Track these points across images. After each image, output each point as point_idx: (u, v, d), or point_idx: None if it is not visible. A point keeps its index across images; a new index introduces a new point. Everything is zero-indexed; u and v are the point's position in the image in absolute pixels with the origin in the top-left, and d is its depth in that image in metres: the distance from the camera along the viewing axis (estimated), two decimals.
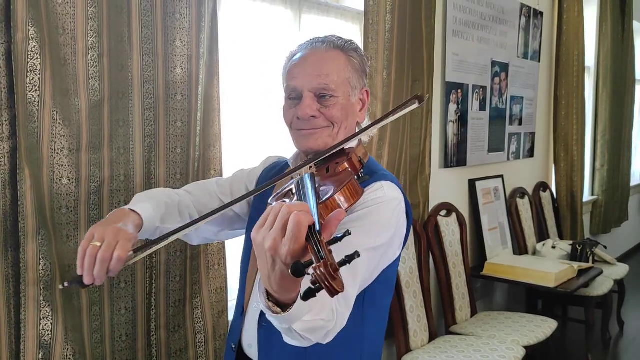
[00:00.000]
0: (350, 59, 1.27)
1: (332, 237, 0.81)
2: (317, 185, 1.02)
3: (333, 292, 0.76)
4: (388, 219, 1.16)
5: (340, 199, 0.97)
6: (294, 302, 0.89)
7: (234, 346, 1.33)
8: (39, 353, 1.49)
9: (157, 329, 1.79)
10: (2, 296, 1.43)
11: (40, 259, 1.45)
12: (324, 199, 0.96)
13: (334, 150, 1.17)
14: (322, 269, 0.76)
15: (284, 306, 0.90)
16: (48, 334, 1.49)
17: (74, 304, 1.57)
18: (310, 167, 1.15)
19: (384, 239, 1.15)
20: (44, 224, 1.47)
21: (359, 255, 0.79)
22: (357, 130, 1.29)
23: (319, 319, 0.97)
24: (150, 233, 1.26)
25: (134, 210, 1.21)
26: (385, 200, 1.16)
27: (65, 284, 1.12)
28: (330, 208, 0.95)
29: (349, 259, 0.78)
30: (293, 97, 1.26)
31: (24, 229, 1.42)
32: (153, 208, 1.25)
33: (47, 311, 1.49)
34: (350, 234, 0.81)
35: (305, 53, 1.27)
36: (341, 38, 1.29)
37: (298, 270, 0.77)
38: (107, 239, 1.08)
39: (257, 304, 1.25)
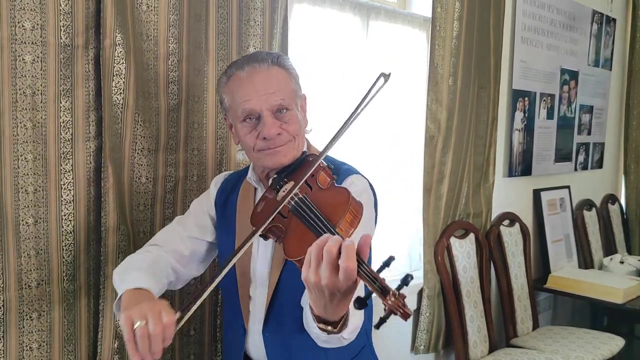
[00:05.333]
0: (289, 72, 1.31)
1: (380, 265, 0.91)
2: (316, 210, 1.08)
3: (407, 316, 0.87)
4: (371, 209, 1.27)
5: (347, 220, 1.06)
6: (342, 318, 1.01)
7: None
8: (115, 342, 1.56)
9: (222, 325, 1.85)
10: (83, 287, 1.52)
11: (119, 254, 1.53)
12: (338, 224, 1.04)
13: (314, 168, 1.17)
14: (392, 300, 0.86)
15: (332, 323, 1.02)
16: None
17: None
18: (292, 188, 1.15)
19: (373, 227, 1.30)
20: (124, 220, 1.55)
21: (394, 259, 0.92)
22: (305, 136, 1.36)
23: (357, 321, 1.11)
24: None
25: (141, 288, 1.18)
26: (361, 194, 1.22)
27: None
28: (344, 230, 1.04)
29: (386, 264, 0.90)
30: (250, 119, 1.26)
31: (105, 224, 1.50)
32: (146, 275, 1.23)
33: None
34: (394, 258, 0.92)
35: (248, 73, 1.27)
36: (271, 53, 1.33)
37: (363, 305, 0.89)
38: (149, 314, 1.04)
39: (256, 319, 1.33)
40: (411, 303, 2.56)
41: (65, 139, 1.44)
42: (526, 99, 3.18)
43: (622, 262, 3.60)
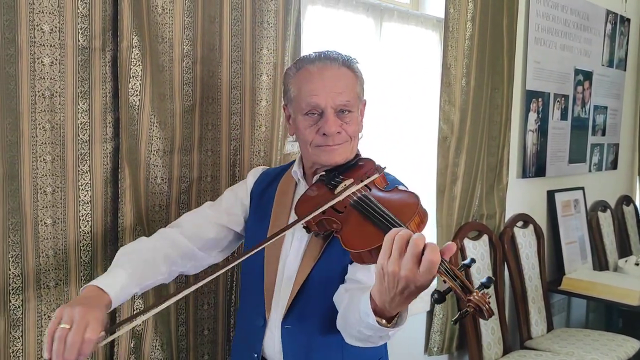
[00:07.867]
0: (357, 75, 1.36)
1: (461, 265, 0.95)
2: (382, 207, 1.13)
3: (491, 314, 0.89)
4: None
5: (415, 222, 1.10)
6: (396, 314, 1.03)
7: (256, 355, 1.36)
8: (131, 342, 1.58)
9: (236, 325, 1.86)
10: None
11: None
12: (407, 224, 1.07)
13: (373, 178, 1.26)
14: (478, 296, 0.89)
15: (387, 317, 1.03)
16: (140, 325, 1.58)
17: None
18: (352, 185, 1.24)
19: None
20: (140, 220, 1.56)
21: (474, 261, 0.95)
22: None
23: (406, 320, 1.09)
24: (126, 299, 1.26)
25: (101, 289, 1.16)
26: None
27: None
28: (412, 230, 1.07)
29: (467, 265, 0.95)
30: (312, 114, 1.30)
31: (122, 224, 1.52)
32: (127, 276, 1.22)
33: (139, 302, 1.58)
34: (475, 261, 0.97)
35: (319, 68, 1.30)
36: (343, 54, 1.36)
37: (442, 299, 0.91)
38: (76, 321, 1.04)
39: (277, 311, 1.32)
40: (425, 304, 2.56)
41: (83, 140, 1.46)
42: (540, 99, 3.17)
43: (637, 264, 3.56)
